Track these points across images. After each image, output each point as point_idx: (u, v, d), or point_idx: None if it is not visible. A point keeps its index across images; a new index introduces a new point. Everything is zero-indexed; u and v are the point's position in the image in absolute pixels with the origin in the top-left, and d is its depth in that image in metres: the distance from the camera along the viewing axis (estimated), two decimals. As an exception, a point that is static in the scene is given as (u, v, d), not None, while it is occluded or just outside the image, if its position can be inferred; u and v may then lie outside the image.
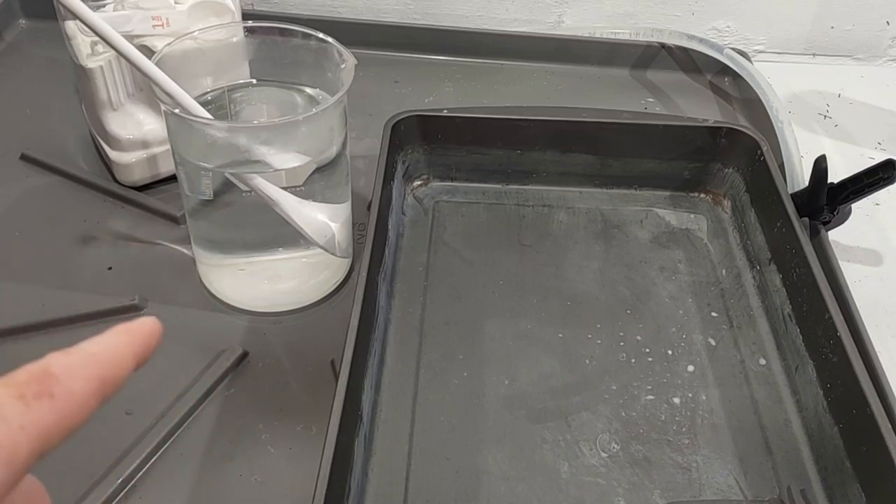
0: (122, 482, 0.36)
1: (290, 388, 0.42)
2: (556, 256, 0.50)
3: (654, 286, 0.49)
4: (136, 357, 0.18)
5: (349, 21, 0.70)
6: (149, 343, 0.18)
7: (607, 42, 0.69)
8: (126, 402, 0.40)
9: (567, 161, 0.54)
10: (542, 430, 0.40)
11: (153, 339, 0.19)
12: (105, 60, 0.47)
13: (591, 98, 0.66)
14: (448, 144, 0.53)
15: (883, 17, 0.72)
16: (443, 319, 0.46)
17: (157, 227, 0.50)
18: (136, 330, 0.18)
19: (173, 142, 0.41)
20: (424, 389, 0.42)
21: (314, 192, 0.42)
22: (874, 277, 0.51)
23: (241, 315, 0.45)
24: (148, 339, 0.18)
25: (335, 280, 0.47)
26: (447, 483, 0.38)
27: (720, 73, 0.69)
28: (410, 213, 0.52)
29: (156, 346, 0.19)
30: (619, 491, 0.38)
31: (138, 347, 0.18)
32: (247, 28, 0.43)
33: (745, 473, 0.39)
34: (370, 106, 0.61)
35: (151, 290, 0.46)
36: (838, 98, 0.68)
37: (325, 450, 0.33)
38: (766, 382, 0.43)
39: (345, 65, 0.41)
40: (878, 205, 0.57)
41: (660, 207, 0.54)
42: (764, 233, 0.49)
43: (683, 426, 0.41)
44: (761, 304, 0.47)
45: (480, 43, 0.68)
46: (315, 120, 0.40)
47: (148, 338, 0.18)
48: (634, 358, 0.44)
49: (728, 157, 0.53)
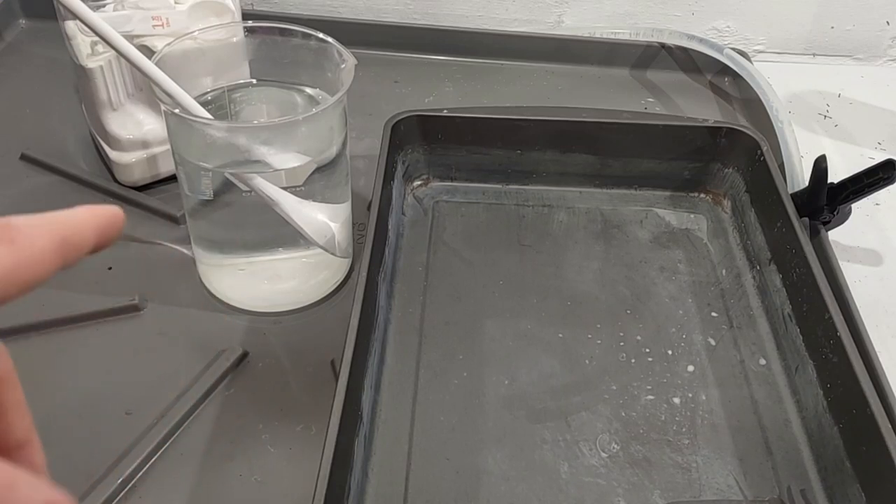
0: (122, 482, 0.36)
1: (290, 388, 0.42)
2: (556, 256, 0.50)
3: (654, 286, 0.49)
4: (98, 231, 0.19)
5: (349, 21, 0.70)
6: (111, 222, 0.19)
7: (607, 42, 0.69)
8: (126, 402, 0.40)
9: (567, 161, 0.54)
10: (542, 430, 0.40)
11: (116, 221, 0.19)
12: (105, 60, 0.47)
13: (591, 98, 0.66)
14: (448, 144, 0.53)
15: (883, 17, 0.72)
16: (443, 319, 0.46)
17: (157, 227, 0.50)
18: (100, 209, 0.19)
19: (173, 142, 0.41)
20: (424, 389, 0.42)
21: (314, 192, 0.42)
22: (874, 277, 0.51)
23: (241, 315, 0.45)
24: (110, 219, 0.19)
25: (335, 280, 0.47)
26: (447, 483, 0.38)
27: (720, 73, 0.69)
28: (410, 213, 0.52)
29: (119, 230, 0.19)
30: (619, 491, 0.38)
31: (101, 222, 0.19)
32: (247, 28, 0.43)
33: (745, 473, 0.39)
34: (370, 106, 0.61)
35: (151, 290, 0.46)
36: (838, 98, 0.68)
37: (325, 450, 0.33)
38: (766, 382, 0.43)
39: (345, 65, 0.41)
40: (878, 205, 0.57)
41: (660, 207, 0.54)
42: (764, 233, 0.49)
43: (683, 426, 0.41)
44: (761, 304, 0.47)
45: (480, 43, 0.68)
46: (315, 120, 0.40)
47: (111, 218, 0.19)
48: (634, 358, 0.44)
49: (728, 157, 0.53)
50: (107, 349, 0.43)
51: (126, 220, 0.20)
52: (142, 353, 0.43)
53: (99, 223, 0.19)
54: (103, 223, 0.19)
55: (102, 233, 0.19)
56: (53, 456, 0.17)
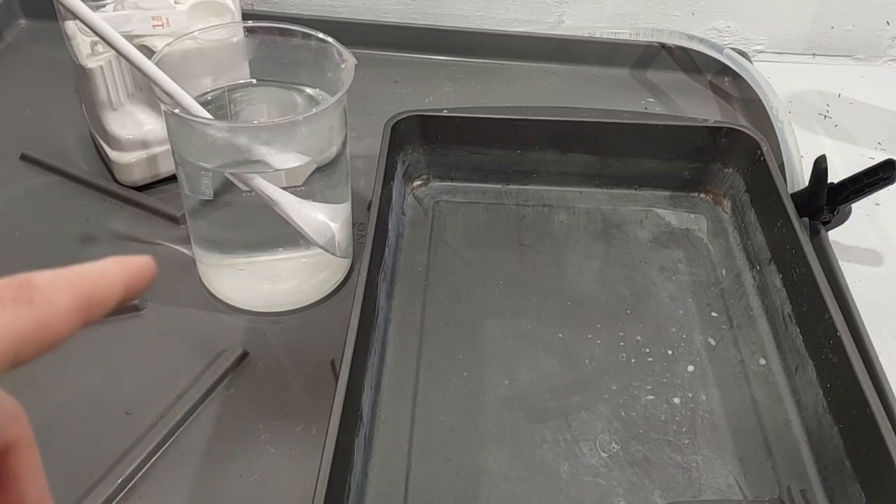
0: (122, 482, 0.36)
1: (290, 388, 0.42)
2: (556, 256, 0.50)
3: (654, 286, 0.49)
4: (126, 284, 0.17)
5: (349, 21, 0.70)
6: (140, 275, 0.18)
7: (607, 42, 0.69)
8: (126, 402, 0.40)
9: (567, 161, 0.54)
10: (542, 430, 0.40)
11: (145, 273, 0.18)
12: (105, 60, 0.47)
13: (591, 98, 0.66)
14: (448, 144, 0.53)
15: (883, 17, 0.72)
16: (443, 319, 0.46)
17: (157, 227, 0.50)
18: (128, 261, 0.18)
19: (173, 142, 0.41)
20: (424, 389, 0.42)
21: (314, 192, 0.42)
22: (874, 277, 0.51)
23: (241, 315, 0.45)
24: (140, 271, 0.18)
25: (335, 280, 0.47)
26: (447, 483, 0.38)
27: (720, 73, 0.69)
28: (410, 213, 0.52)
29: (148, 281, 0.18)
30: (619, 491, 0.38)
31: (129, 275, 0.18)
32: (247, 28, 0.43)
33: (745, 473, 0.39)
34: (370, 106, 0.61)
35: (151, 290, 0.45)
36: (838, 98, 0.68)
37: (325, 450, 0.33)
38: (766, 382, 0.43)
39: (345, 65, 0.41)
40: (878, 205, 0.57)
41: (660, 207, 0.54)
42: (764, 233, 0.49)
43: (683, 426, 0.41)
44: (761, 304, 0.47)
45: (480, 43, 0.68)
46: (315, 120, 0.40)
47: (140, 270, 0.18)
48: (634, 358, 0.44)
49: (728, 157, 0.53)
50: (107, 349, 0.43)
51: (126, 220, 0.20)
52: (142, 353, 0.43)
53: (126, 276, 0.18)
54: (131, 276, 0.18)
55: (130, 286, 0.18)
56: (53, 456, 0.17)
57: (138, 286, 0.18)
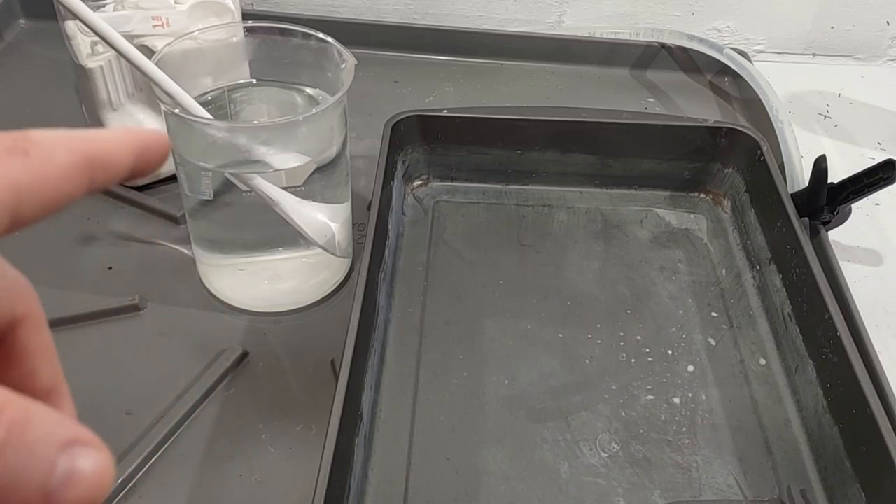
0: (122, 482, 0.36)
1: (290, 388, 0.42)
2: (556, 256, 0.50)
3: (654, 286, 0.49)
4: (135, 152, 0.16)
5: (349, 21, 0.70)
6: (152, 144, 0.17)
7: (607, 42, 0.69)
8: (126, 402, 0.40)
9: (567, 161, 0.54)
10: (542, 430, 0.40)
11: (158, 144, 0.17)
12: (105, 60, 0.47)
13: (591, 98, 0.66)
14: (448, 144, 0.53)
15: (883, 17, 0.72)
16: (443, 319, 0.46)
17: (157, 227, 0.50)
18: (139, 130, 0.17)
19: (173, 142, 0.41)
20: (424, 389, 0.42)
21: (314, 192, 0.42)
22: (874, 277, 0.51)
23: (241, 315, 0.45)
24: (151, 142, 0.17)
25: (335, 280, 0.47)
26: (447, 483, 0.38)
27: (720, 73, 0.69)
28: (410, 213, 0.52)
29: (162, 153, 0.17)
30: (619, 491, 0.38)
31: (139, 143, 0.17)
32: (247, 28, 0.43)
33: (745, 473, 0.39)
34: (370, 106, 0.61)
35: (151, 290, 0.46)
36: (838, 98, 0.68)
37: (325, 450, 0.33)
38: (766, 382, 0.43)
39: (345, 65, 0.41)
40: (878, 205, 0.57)
41: (660, 207, 0.54)
42: (764, 233, 0.49)
43: (683, 426, 0.41)
44: (761, 304, 0.47)
45: (480, 43, 0.68)
46: (315, 120, 0.40)
47: (151, 140, 0.17)
48: (634, 358, 0.44)
49: (728, 157, 0.53)
50: (107, 349, 0.43)
51: (126, 220, 0.19)
52: (142, 353, 0.43)
53: (135, 144, 0.16)
54: (141, 144, 0.17)
55: (141, 153, 0.17)
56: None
57: (150, 156, 0.17)
